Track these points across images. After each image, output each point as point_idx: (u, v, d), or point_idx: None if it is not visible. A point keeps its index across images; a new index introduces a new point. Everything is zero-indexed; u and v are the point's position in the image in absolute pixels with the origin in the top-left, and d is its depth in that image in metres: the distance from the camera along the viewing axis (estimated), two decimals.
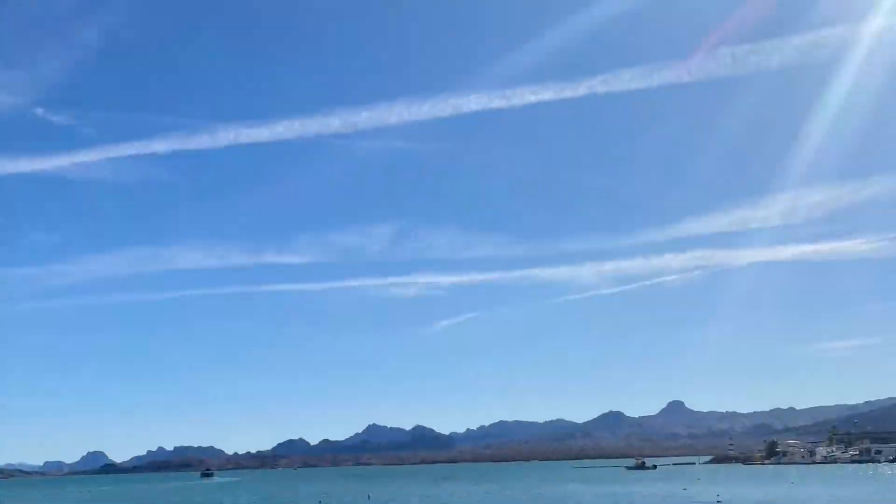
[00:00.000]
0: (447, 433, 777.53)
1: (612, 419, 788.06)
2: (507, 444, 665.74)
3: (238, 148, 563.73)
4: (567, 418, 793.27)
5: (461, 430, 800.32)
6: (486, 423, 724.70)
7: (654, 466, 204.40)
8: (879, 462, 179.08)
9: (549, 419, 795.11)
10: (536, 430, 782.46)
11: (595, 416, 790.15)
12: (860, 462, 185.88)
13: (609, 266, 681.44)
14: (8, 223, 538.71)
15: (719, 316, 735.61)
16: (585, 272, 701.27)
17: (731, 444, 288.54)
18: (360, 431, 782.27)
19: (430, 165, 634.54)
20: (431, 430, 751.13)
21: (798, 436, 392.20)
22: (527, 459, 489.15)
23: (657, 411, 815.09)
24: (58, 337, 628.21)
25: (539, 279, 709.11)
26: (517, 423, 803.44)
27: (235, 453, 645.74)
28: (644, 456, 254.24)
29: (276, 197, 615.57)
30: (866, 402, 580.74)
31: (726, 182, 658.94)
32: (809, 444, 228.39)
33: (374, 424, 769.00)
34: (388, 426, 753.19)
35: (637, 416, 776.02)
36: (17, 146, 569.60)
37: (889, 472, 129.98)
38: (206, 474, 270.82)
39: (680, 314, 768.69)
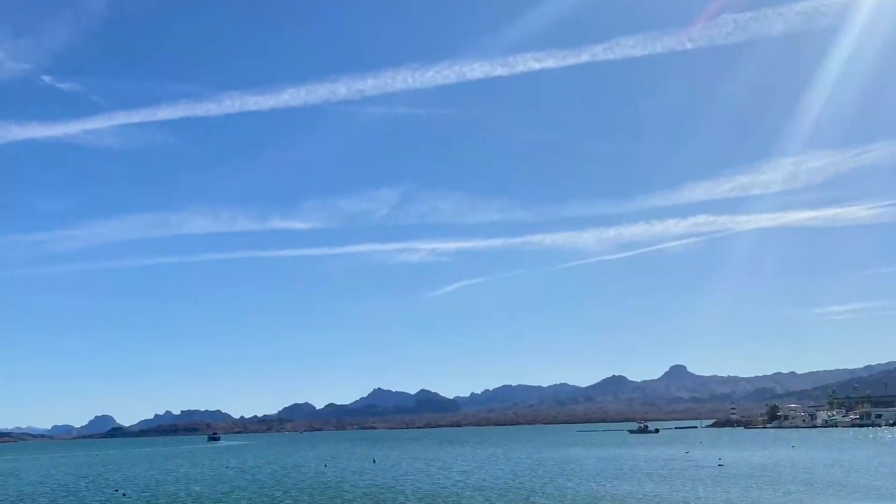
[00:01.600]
0: (452, 397, 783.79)
1: (615, 383, 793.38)
2: (511, 408, 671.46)
3: (244, 115, 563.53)
4: (571, 382, 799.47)
5: (466, 394, 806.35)
6: (491, 388, 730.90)
7: (657, 430, 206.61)
8: (880, 426, 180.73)
9: (552, 383, 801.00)
10: (540, 394, 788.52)
11: (598, 381, 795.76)
12: (860, 426, 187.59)
13: (612, 232, 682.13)
14: (17, 189, 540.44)
15: (721, 281, 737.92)
16: (588, 238, 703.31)
17: (733, 408, 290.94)
18: (365, 395, 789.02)
19: (434, 132, 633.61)
20: (436, 394, 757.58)
21: (799, 400, 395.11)
22: (531, 423, 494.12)
23: (659, 375, 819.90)
24: (66, 301, 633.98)
25: (542, 245, 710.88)
26: (521, 387, 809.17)
27: (242, 417, 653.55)
28: (647, 420, 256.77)
29: (282, 163, 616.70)
30: (866, 366, 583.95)
31: (728, 148, 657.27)
32: (810, 409, 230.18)
33: (379, 389, 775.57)
34: (394, 390, 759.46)
35: (640, 381, 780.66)
36: (25, 113, 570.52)
37: (889, 437, 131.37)
38: (213, 438, 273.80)
39: (682, 279, 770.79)
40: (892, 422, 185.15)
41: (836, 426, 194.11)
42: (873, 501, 40.05)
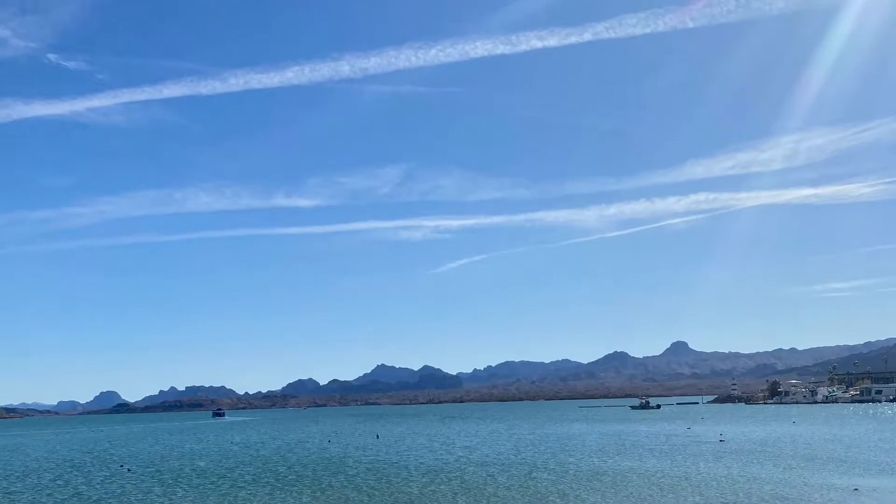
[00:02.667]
0: (455, 373, 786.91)
1: (617, 359, 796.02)
2: (513, 384, 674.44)
3: (248, 93, 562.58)
4: (573, 359, 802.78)
5: (469, 370, 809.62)
6: (493, 364, 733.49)
7: (659, 406, 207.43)
8: (880, 402, 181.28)
9: (555, 359, 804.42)
10: (542, 370, 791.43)
11: (600, 357, 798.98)
12: (861, 402, 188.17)
13: (613, 209, 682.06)
14: (24, 166, 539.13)
15: (722, 258, 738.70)
16: (590, 215, 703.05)
17: (734, 384, 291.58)
18: (368, 372, 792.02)
19: (437, 110, 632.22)
20: (439, 371, 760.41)
21: (799, 376, 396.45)
22: (533, 399, 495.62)
23: (661, 352, 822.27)
24: (72, 278, 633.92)
25: (544, 222, 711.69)
26: (524, 363, 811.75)
27: (246, 393, 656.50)
28: (648, 396, 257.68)
29: (286, 141, 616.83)
30: (866, 342, 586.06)
31: (729, 126, 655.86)
32: (811, 384, 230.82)
33: (382, 365, 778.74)
34: (397, 366, 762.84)
35: (641, 357, 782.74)
36: (31, 91, 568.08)
37: (889, 412, 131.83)
38: (218, 414, 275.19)
39: (683, 256, 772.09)
40: (891, 397, 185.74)
41: (837, 402, 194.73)
42: (874, 476, 40.31)
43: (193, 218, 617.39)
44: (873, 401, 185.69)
